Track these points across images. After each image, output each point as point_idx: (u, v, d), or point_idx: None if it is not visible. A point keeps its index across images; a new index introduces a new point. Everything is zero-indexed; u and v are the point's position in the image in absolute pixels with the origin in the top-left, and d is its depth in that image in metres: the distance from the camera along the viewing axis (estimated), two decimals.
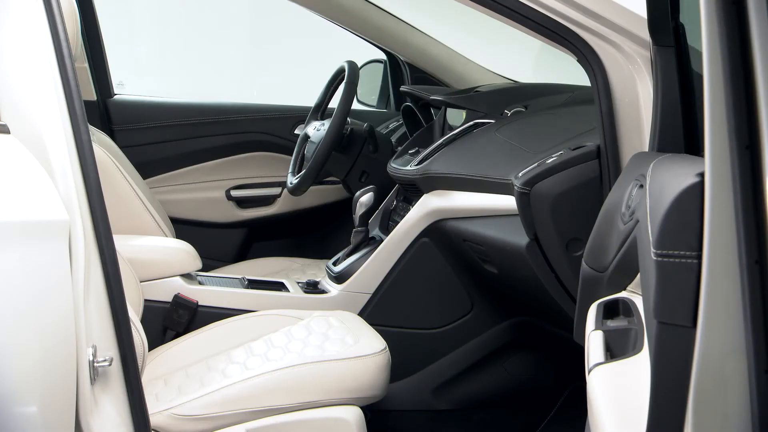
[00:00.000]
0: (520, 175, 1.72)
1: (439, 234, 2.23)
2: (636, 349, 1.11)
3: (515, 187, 1.71)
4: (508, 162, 1.88)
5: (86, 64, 2.95)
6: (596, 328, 1.21)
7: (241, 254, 3.19)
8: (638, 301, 1.21)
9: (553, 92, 2.28)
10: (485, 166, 1.98)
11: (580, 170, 1.65)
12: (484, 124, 2.23)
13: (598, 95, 1.58)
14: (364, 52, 3.20)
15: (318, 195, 3.18)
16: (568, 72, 2.11)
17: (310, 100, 2.95)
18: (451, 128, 2.41)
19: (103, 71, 3.04)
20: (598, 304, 1.27)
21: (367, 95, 3.31)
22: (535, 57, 3.31)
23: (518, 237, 1.77)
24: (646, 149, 1.47)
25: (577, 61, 1.62)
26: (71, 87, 1.41)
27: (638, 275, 1.19)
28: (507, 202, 1.83)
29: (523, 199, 1.69)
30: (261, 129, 3.17)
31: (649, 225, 1.00)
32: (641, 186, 1.19)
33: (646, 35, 1.49)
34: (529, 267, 1.76)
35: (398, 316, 2.30)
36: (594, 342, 1.17)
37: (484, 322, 2.32)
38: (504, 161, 1.91)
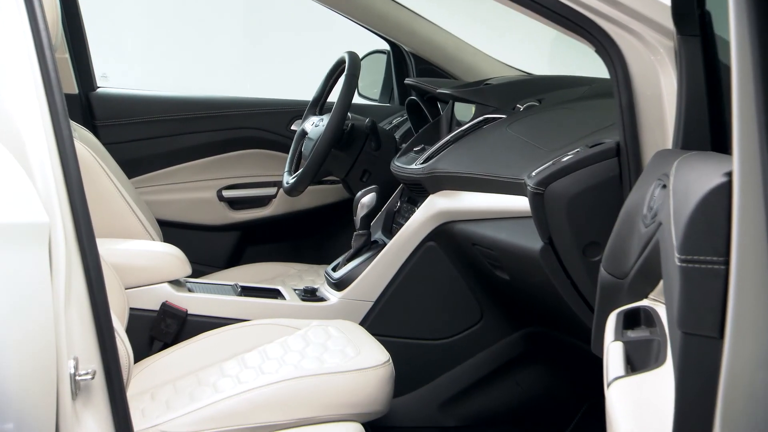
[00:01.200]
0: (533, 174, 1.72)
1: (446, 237, 2.23)
2: (659, 362, 1.11)
3: (528, 187, 1.71)
4: (521, 160, 1.88)
5: (67, 55, 2.95)
6: (616, 339, 1.21)
7: (234, 259, 3.20)
8: (661, 310, 1.21)
9: (569, 85, 2.28)
10: (496, 165, 1.98)
11: (598, 169, 1.64)
12: (494, 119, 2.23)
13: (618, 88, 1.58)
14: (365, 42, 3.21)
15: (316, 195, 3.18)
16: (585, 63, 2.11)
17: (307, 93, 2.95)
18: (459, 124, 2.41)
19: (86, 62, 3.04)
20: (618, 313, 1.27)
21: (369, 88, 3.31)
22: (550, 47, 3.31)
23: (531, 241, 1.77)
24: (669, 146, 1.46)
25: (595, 51, 1.62)
26: (51, 79, 1.41)
27: (661, 282, 1.18)
28: (519, 203, 1.83)
29: (536, 200, 1.69)
30: (255, 125, 3.17)
31: (672, 228, 1.00)
32: (664, 186, 1.19)
33: (669, 24, 1.49)
34: (543, 273, 1.76)
35: (402, 326, 2.31)
36: (613, 354, 1.17)
37: (494, 332, 2.32)
38: (516, 159, 1.91)
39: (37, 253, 1.30)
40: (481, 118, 2.26)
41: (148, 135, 3.10)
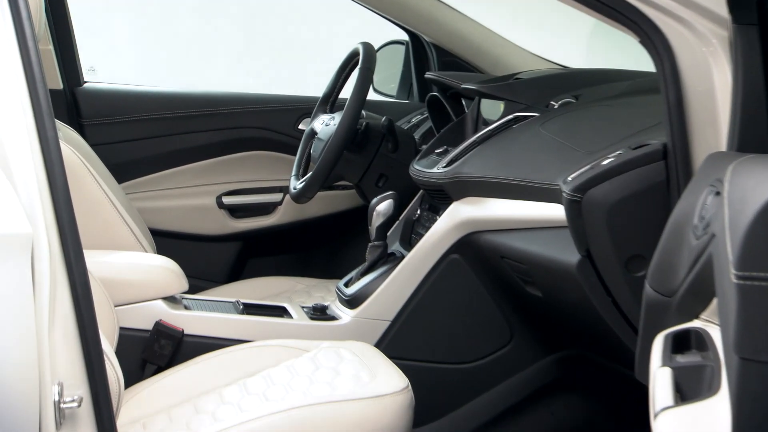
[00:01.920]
0: (569, 179, 1.71)
1: (471, 249, 2.23)
2: (712, 390, 1.10)
3: (564, 194, 1.71)
4: (555, 163, 1.88)
5: (51, 46, 2.97)
6: (663, 365, 1.20)
7: (235, 273, 3.20)
8: (714, 333, 1.20)
9: (609, 80, 2.28)
10: (527, 169, 1.98)
11: (643, 173, 1.64)
12: (526, 117, 2.22)
13: (665, 83, 1.58)
14: (381, 32, 3.21)
15: (326, 202, 3.18)
16: (627, 56, 2.10)
17: (317, 89, 2.95)
18: (486, 123, 2.41)
19: (71, 54, 3.07)
20: (666, 336, 1.27)
21: (386, 83, 3.32)
22: (588, 38, 3.31)
23: (567, 253, 1.77)
24: (723, 148, 1.46)
25: (640, 42, 1.62)
26: (35, 73, 1.42)
27: (714, 301, 1.18)
28: (554, 211, 1.83)
29: (573, 207, 1.69)
30: (259, 123, 3.18)
31: (728, 241, 0.99)
32: (717, 193, 1.18)
33: (723, 11, 1.48)
34: (581, 289, 1.76)
35: (423, 348, 2.30)
36: (661, 381, 1.17)
37: (525, 355, 2.31)
38: (550, 162, 1.91)
39: (18, 267, 1.31)
40: (510, 117, 2.26)
41: (140, 135, 3.11)
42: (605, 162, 1.69)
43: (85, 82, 3.11)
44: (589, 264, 1.72)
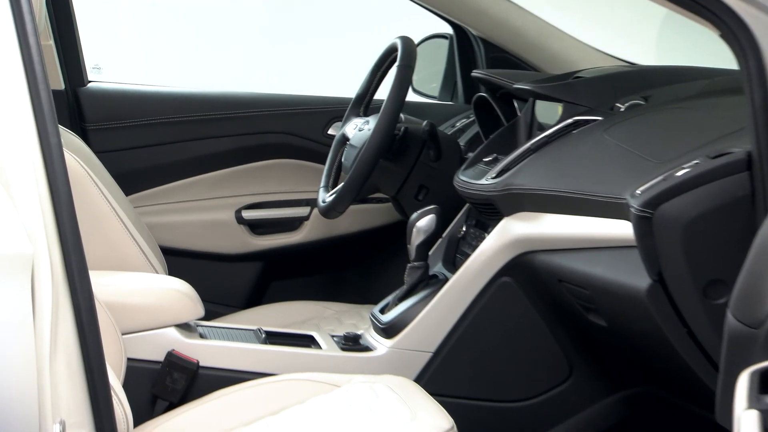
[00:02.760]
0: (638, 192, 1.70)
1: (525, 272, 2.22)
2: None
3: (632, 209, 1.70)
4: (622, 174, 1.87)
5: (51, 41, 3.01)
6: (750, 407, 1.19)
7: (256, 297, 3.21)
8: None
9: (684, 79, 2.27)
10: (590, 180, 1.97)
11: (724, 186, 1.63)
12: (587, 122, 2.22)
13: (750, 83, 1.57)
14: (423, 25, 3.21)
15: (360, 217, 3.18)
16: (705, 52, 2.09)
17: (350, 89, 2.96)
18: (542, 128, 2.40)
19: (74, 50, 3.09)
20: (752, 373, 1.25)
21: (427, 83, 3.32)
22: (659, 30, 3.28)
23: (636, 277, 1.76)
24: None
25: (720, 37, 1.61)
26: (36, 73, 1.43)
27: None
28: (620, 229, 1.82)
29: (643, 225, 1.68)
30: (283, 128, 3.19)
31: None
32: None
33: None
34: (652, 319, 1.74)
35: (469, 384, 2.30)
36: (747, 426, 1.15)
37: (587, 393, 2.30)
38: (616, 173, 1.90)
39: (17, 291, 1.32)
40: (570, 121, 2.25)
41: (150, 141, 3.13)
42: (680, 173, 1.68)
43: (90, 81, 3.14)
44: (662, 289, 1.71)
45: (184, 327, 2.28)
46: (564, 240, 2.04)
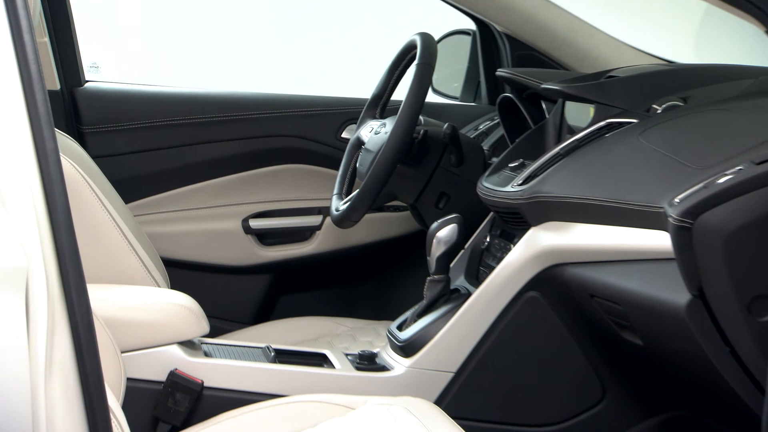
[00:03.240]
0: (677, 200, 1.70)
1: (554, 286, 2.22)
2: None
3: (670, 219, 1.69)
4: (659, 181, 1.86)
5: (46, 38, 3.02)
6: None
7: (265, 312, 3.21)
8: None
9: (726, 78, 2.26)
10: (624, 187, 1.96)
11: None
12: (621, 125, 2.21)
13: None
14: (443, 20, 3.21)
15: (376, 227, 3.18)
16: (749, 49, 2.08)
17: (365, 89, 2.96)
18: (572, 131, 2.40)
19: (71, 48, 3.11)
20: None
21: (448, 82, 3.32)
22: (698, 26, 3.28)
23: (674, 292, 1.75)
24: None
25: (766, 33, 1.60)
26: (31, 73, 1.44)
27: None
28: (657, 240, 1.81)
29: (682, 236, 1.67)
30: (293, 131, 3.20)
31: None
32: None
33: None
34: (691, 337, 1.74)
35: (494, 407, 2.30)
36: None
37: (621, 417, 2.29)
38: (652, 180, 1.90)
39: (9, 306, 1.32)
40: (602, 124, 2.25)
41: (151, 145, 3.14)
42: (722, 180, 1.67)
43: (87, 81, 3.16)
44: (702, 305, 1.70)
45: (188, 345, 2.28)
46: (596, 252, 2.04)
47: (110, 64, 3.99)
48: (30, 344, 1.35)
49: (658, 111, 2.20)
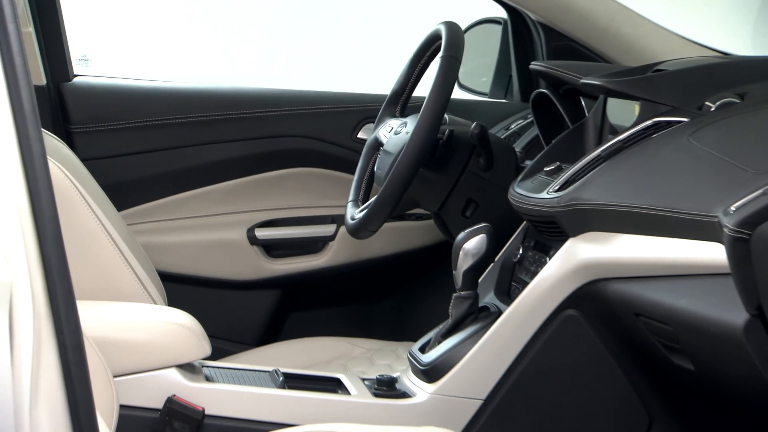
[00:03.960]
0: (733, 209, 1.69)
1: (595, 303, 2.22)
2: None
3: (725, 229, 1.68)
4: (713, 187, 1.86)
5: (31, 28, 3.02)
6: None
7: (272, 332, 3.22)
8: None
9: None
10: (673, 194, 1.96)
11: None
12: (670, 124, 2.21)
13: None
14: (472, 7, 3.21)
15: (395, 238, 3.18)
16: None
17: (384, 84, 2.96)
18: (615, 131, 2.39)
19: (58, 39, 3.12)
20: None
21: (476, 77, 3.32)
22: (757, 12, 3.27)
23: (730, 311, 1.75)
24: None
25: None
26: (16, 66, 1.44)
27: None
28: (710, 253, 1.81)
29: (739, 248, 1.66)
30: (304, 131, 3.20)
31: None
32: None
33: None
34: (749, 360, 1.73)
35: None
36: None
37: None
38: (705, 186, 1.90)
39: None
40: (649, 123, 2.24)
41: (146, 146, 3.15)
42: None
43: (76, 75, 3.17)
44: (761, 326, 1.70)
45: (187, 368, 2.28)
46: (642, 266, 2.03)
47: (101, 57, 4.00)
48: (14, 367, 1.36)
49: (712, 109, 2.20)
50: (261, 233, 3.19)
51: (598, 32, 3.00)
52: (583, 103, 2.63)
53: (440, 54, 2.65)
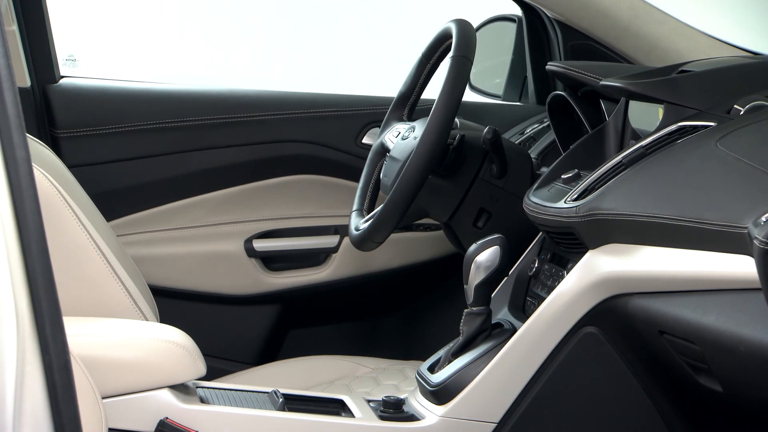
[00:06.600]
0: (764, 219, 1.69)
1: (616, 320, 2.22)
2: None
3: (755, 241, 1.68)
4: (742, 196, 1.86)
5: (15, 27, 3.03)
6: None
7: (271, 350, 3.22)
8: None
9: None
10: (699, 204, 1.96)
11: None
12: (696, 129, 2.21)
13: None
14: (485, 4, 3.22)
15: (403, 249, 3.19)
16: None
17: (391, 86, 2.96)
18: (637, 136, 2.39)
19: (43, 38, 3.12)
20: None
21: (488, 78, 3.33)
22: None
23: (760, 328, 1.75)
24: None
25: None
26: None
27: None
28: (739, 266, 1.81)
29: None
30: (306, 136, 3.20)
31: None
32: None
33: None
34: None
35: None
36: None
37: None
38: (734, 195, 1.90)
39: None
40: (673, 128, 2.25)
41: (137, 152, 3.15)
42: None
43: (62, 77, 3.17)
44: None
45: (181, 389, 2.28)
46: (666, 280, 2.03)
47: (89, 57, 4.01)
48: None
49: (741, 112, 2.20)
50: (259, 245, 3.19)
51: (619, 30, 3.00)
52: (602, 106, 2.63)
53: (450, 54, 2.65)
